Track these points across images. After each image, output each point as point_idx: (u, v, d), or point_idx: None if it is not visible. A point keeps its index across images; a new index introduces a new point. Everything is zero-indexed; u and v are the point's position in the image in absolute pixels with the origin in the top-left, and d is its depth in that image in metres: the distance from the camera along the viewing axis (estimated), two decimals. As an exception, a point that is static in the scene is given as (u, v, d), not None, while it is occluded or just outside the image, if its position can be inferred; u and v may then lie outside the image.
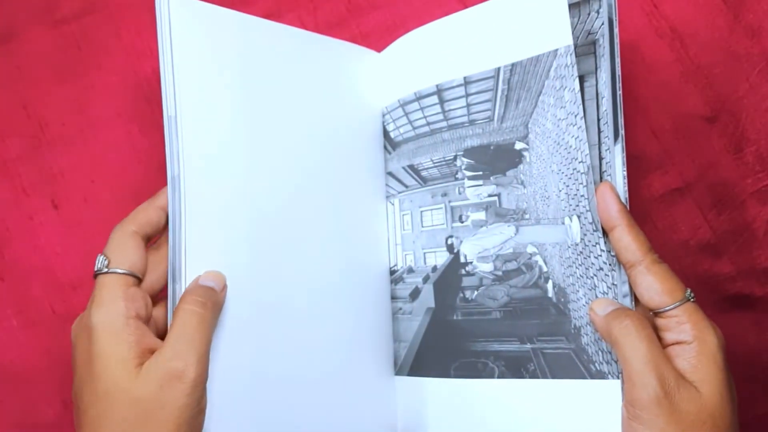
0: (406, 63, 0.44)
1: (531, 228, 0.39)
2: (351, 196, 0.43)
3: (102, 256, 0.34)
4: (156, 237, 0.37)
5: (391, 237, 0.45)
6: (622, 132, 0.35)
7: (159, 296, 0.36)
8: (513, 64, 0.39)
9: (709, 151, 0.44)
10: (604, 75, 0.36)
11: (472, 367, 0.40)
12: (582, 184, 0.36)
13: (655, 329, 0.33)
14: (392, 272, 0.45)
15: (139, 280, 0.35)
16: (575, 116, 0.37)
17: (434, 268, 0.43)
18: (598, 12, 0.37)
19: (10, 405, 0.47)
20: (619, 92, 0.35)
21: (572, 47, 0.37)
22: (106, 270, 0.34)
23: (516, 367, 0.38)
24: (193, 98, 0.36)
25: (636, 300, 0.34)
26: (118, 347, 0.32)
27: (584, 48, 0.37)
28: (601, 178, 0.36)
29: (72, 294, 0.48)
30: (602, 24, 0.36)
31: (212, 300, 0.34)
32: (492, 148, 0.41)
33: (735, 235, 0.44)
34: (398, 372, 0.43)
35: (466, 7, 0.47)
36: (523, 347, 0.38)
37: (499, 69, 0.40)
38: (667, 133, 0.45)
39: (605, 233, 0.35)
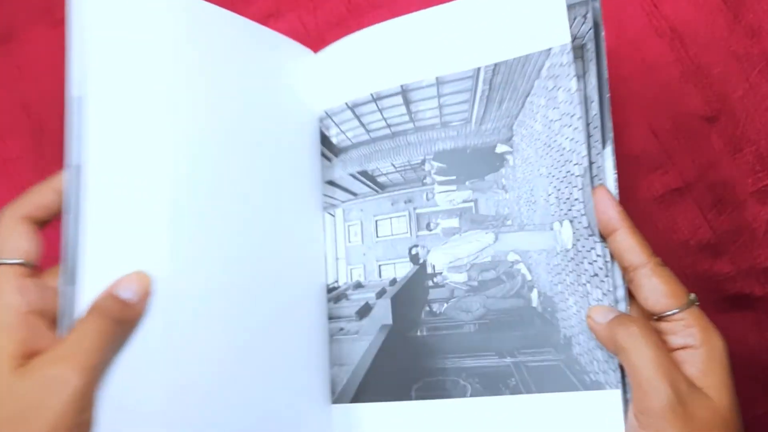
0: (357, 63, 0.41)
1: (513, 235, 0.37)
2: (279, 206, 0.39)
3: None
4: (50, 222, 0.34)
5: (329, 251, 0.42)
6: (611, 135, 0.34)
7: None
8: (496, 64, 0.38)
9: (709, 151, 0.44)
10: (592, 79, 0.35)
11: (440, 387, 0.37)
12: (576, 187, 0.35)
13: (661, 335, 0.32)
14: (331, 290, 0.41)
15: (33, 268, 0.32)
16: (571, 117, 0.36)
17: (393, 281, 0.40)
18: (585, 17, 0.36)
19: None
20: (607, 95, 0.35)
21: (569, 46, 0.36)
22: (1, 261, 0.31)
23: (493, 384, 0.36)
24: (103, 79, 0.32)
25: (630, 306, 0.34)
26: (7, 339, 0.30)
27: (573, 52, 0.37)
28: (592, 182, 0.35)
29: (72, 294, 0.48)
30: (589, 29, 0.36)
31: (126, 318, 0.31)
32: (468, 151, 0.39)
33: (735, 234, 0.44)
34: (336, 400, 0.39)
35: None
36: (502, 361, 0.36)
37: (479, 69, 0.38)
38: (667, 133, 0.45)
39: (602, 238, 0.34)
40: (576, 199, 0.35)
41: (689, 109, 0.44)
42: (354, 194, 0.42)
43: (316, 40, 0.49)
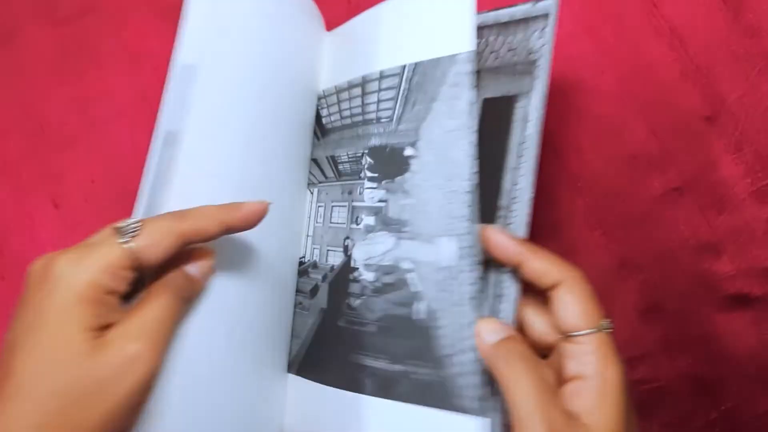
0: (346, 48, 0.42)
1: (408, 242, 0.36)
2: (285, 177, 0.40)
3: (135, 223, 0.30)
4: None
5: (305, 227, 0.42)
6: (538, 153, 0.33)
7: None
8: (416, 64, 0.37)
9: (709, 151, 0.44)
10: (534, 97, 0.34)
11: (349, 379, 0.37)
12: (467, 204, 0.34)
13: (558, 356, 0.31)
14: (300, 263, 0.42)
15: (141, 269, 0.31)
16: (467, 129, 0.34)
17: (332, 268, 0.40)
18: (542, 31, 0.34)
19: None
20: (543, 114, 0.34)
21: (474, 54, 0.34)
22: (126, 239, 0.30)
23: (387, 386, 0.35)
24: (210, 48, 0.35)
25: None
26: (82, 312, 0.28)
27: (524, 66, 0.35)
28: (509, 203, 0.34)
29: (72, 294, 0.48)
30: (543, 45, 0.34)
31: (190, 295, 0.32)
32: (387, 150, 0.38)
33: (734, 234, 0.44)
34: (289, 369, 0.40)
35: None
36: (393, 367, 0.35)
37: (404, 67, 0.38)
38: (667, 133, 0.45)
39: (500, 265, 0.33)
40: (463, 216, 0.34)
41: (689, 109, 0.45)
42: (325, 177, 0.42)
43: (316, 40, 0.49)
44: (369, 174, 0.39)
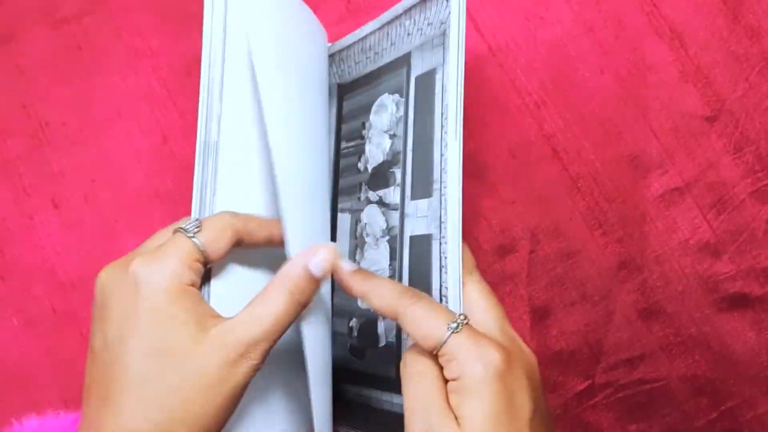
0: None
1: None
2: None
3: (195, 221, 0.32)
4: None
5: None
6: (460, 129, 0.33)
7: None
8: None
9: (709, 151, 0.44)
10: (448, 68, 0.33)
11: None
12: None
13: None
14: None
15: (207, 263, 0.32)
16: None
17: None
18: (448, 1, 0.33)
19: (11, 405, 0.47)
20: (461, 86, 0.33)
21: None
22: (190, 234, 0.31)
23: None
24: (234, 61, 0.35)
25: None
26: (175, 307, 0.29)
27: (438, 39, 0.35)
28: (440, 176, 0.34)
29: (72, 293, 0.48)
30: (449, 13, 0.33)
31: (307, 295, 0.32)
32: None
33: (734, 234, 0.44)
34: None
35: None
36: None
37: None
38: (667, 133, 0.45)
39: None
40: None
41: (689, 109, 0.45)
42: None
43: (316, 40, 0.49)
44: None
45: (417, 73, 0.36)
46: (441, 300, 0.33)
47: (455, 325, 0.30)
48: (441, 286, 0.33)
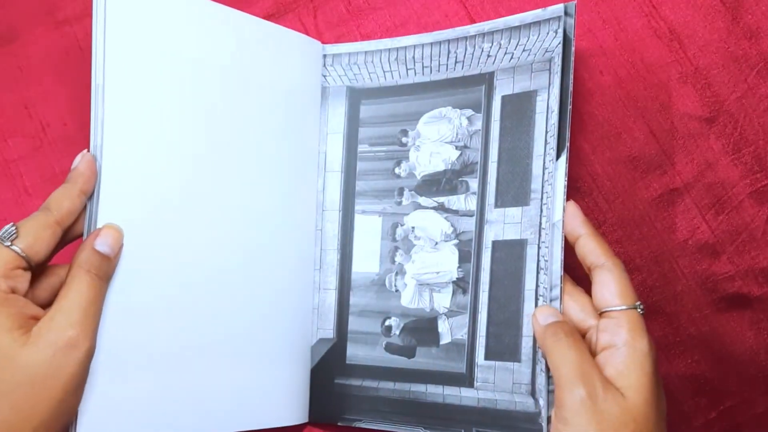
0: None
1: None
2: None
3: (12, 227, 0.33)
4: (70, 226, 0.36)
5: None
6: (567, 145, 0.37)
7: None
8: None
9: (708, 152, 0.44)
10: (555, 90, 0.38)
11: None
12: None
13: (597, 332, 0.35)
14: None
15: (34, 266, 0.33)
16: None
17: None
18: (556, 32, 0.38)
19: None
20: (569, 107, 0.37)
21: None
22: (7, 243, 0.32)
23: None
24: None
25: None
26: (1, 318, 0.30)
27: (540, 64, 0.39)
28: (542, 187, 0.38)
29: (73, 294, 0.48)
30: (558, 43, 0.38)
31: (105, 270, 0.33)
32: None
33: (733, 235, 0.44)
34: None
35: (466, 9, 0.47)
36: None
37: None
38: (666, 134, 0.45)
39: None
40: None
41: (688, 110, 0.45)
42: None
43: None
44: None
45: (505, 93, 0.40)
46: (537, 300, 0.37)
47: (639, 305, 0.34)
48: (538, 286, 0.37)
